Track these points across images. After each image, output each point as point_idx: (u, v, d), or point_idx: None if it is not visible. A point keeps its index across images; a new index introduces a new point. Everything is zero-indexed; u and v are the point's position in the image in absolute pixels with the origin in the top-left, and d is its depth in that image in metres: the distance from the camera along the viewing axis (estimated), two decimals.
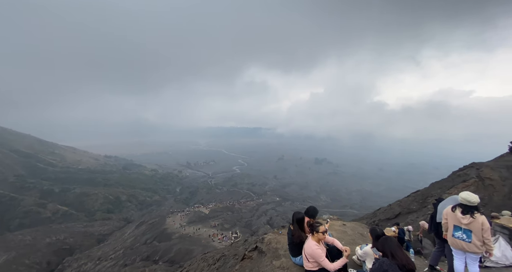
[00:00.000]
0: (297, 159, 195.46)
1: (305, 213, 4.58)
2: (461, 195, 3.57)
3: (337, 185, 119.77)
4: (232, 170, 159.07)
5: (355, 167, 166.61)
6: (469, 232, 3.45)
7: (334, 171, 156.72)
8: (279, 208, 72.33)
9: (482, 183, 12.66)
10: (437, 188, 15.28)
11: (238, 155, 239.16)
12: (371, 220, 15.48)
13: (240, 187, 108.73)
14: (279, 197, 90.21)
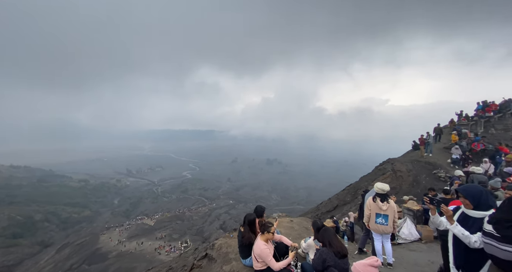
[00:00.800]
0: (250, 161, 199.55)
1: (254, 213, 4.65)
2: (376, 186, 4.32)
3: (287, 184, 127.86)
4: (182, 175, 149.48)
5: (302, 166, 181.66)
6: (386, 217, 4.19)
7: (284, 171, 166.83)
8: (233, 211, 71.98)
9: (395, 175, 15.69)
10: (365, 181, 18.13)
11: (189, 159, 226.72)
12: (315, 214, 17.12)
13: (191, 193, 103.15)
14: (233, 200, 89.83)
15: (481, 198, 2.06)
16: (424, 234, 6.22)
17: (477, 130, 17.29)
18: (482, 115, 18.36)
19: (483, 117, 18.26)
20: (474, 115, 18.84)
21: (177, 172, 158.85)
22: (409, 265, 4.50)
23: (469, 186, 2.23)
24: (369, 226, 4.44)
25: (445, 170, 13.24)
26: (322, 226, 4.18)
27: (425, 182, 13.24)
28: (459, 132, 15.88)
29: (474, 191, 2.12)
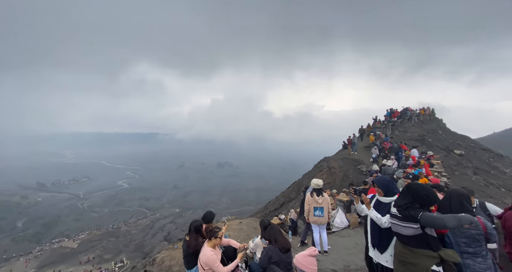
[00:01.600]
0: (199, 165, 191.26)
1: (202, 219, 4.43)
2: (313, 182, 4.83)
3: (237, 186, 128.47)
4: (117, 185, 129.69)
5: (251, 167, 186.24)
6: (322, 209, 4.70)
7: (234, 173, 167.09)
8: (179, 220, 67.13)
9: (330, 171, 17.95)
10: (306, 178, 20.02)
11: (126, 166, 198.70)
12: (263, 213, 17.77)
13: (129, 205, 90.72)
14: (179, 208, 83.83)
15: (389, 186, 2.55)
16: (352, 221, 7.31)
17: (387, 132, 21.67)
18: (389, 120, 23.17)
19: (390, 122, 23.06)
20: (384, 120, 23.57)
21: (111, 182, 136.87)
22: (340, 250, 5.17)
23: (381, 177, 2.73)
24: (309, 220, 4.89)
25: (366, 165, 15.98)
26: (269, 224, 4.34)
27: (352, 176, 15.63)
28: (375, 133, 19.54)
29: (384, 181, 2.60)
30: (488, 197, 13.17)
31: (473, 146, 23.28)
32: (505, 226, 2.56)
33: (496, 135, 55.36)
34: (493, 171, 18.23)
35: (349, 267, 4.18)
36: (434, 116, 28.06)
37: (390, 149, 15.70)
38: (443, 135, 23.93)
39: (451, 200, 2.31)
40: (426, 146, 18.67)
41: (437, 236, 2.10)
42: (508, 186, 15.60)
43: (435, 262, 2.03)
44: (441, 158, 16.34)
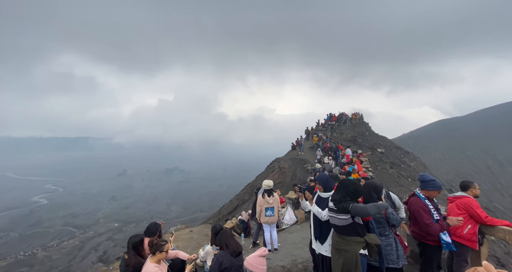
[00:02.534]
0: (144, 172, 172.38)
1: (145, 232, 3.96)
2: (264, 183, 5.02)
3: (189, 192, 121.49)
4: (32, 202, 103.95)
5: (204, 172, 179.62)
6: (273, 209, 4.91)
7: (186, 179, 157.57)
8: (119, 236, 58.71)
9: (281, 171, 18.99)
10: (259, 179, 20.61)
11: (44, 178, 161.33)
12: (217, 218, 17.34)
13: (49, 225, 73.90)
14: (119, 222, 73.40)
15: (327, 182, 2.85)
16: (299, 217, 7.90)
17: (327, 134, 24.49)
18: (329, 123, 26.28)
19: (330, 125, 26.17)
20: (325, 123, 26.58)
21: (22, 198, 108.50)
22: (289, 245, 5.50)
23: (321, 174, 3.03)
24: (260, 220, 5.03)
25: (311, 164, 17.62)
26: (220, 230, 4.22)
27: (299, 175, 16.97)
28: (318, 135, 21.80)
29: (323, 178, 2.90)
30: (400, 186, 16.41)
31: (390, 145, 28.69)
32: (410, 209, 3.12)
33: (404, 136, 70.09)
34: (403, 165, 22.87)
35: (296, 260, 4.48)
36: (362, 120, 33.30)
37: (329, 149, 17.78)
38: (369, 136, 28.65)
39: (365, 190, 2.79)
40: (357, 146, 21.97)
41: (363, 223, 2.47)
42: (413, 177, 19.80)
43: (362, 246, 2.37)
44: (368, 156, 19.51)
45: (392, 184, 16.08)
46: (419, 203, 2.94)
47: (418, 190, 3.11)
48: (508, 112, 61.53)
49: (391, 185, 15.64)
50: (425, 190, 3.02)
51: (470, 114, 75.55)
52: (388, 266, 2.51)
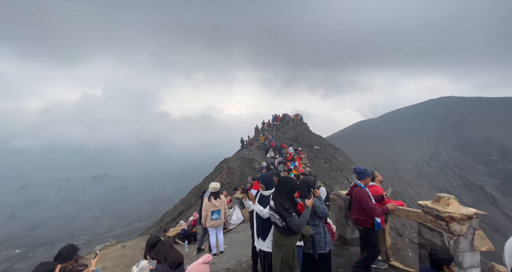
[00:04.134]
0: (61, 182, 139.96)
1: (56, 258, 3.15)
2: (210, 186, 4.86)
3: (124, 201, 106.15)
4: None
5: (144, 177, 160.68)
6: (219, 211, 4.79)
7: (119, 186, 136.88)
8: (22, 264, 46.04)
9: (229, 171, 18.90)
10: (207, 181, 19.93)
11: None
12: (159, 226, 15.78)
13: None
14: (22, 247, 57.44)
15: (269, 181, 2.95)
16: (246, 216, 8.02)
17: (273, 133, 25.95)
18: (274, 123, 27.93)
19: (275, 125, 27.83)
20: (271, 123, 28.10)
21: None
22: (236, 246, 5.50)
23: (263, 174, 3.12)
24: (206, 225, 4.83)
25: (258, 162, 18.26)
26: (158, 241, 3.79)
27: (248, 174, 17.32)
28: (264, 135, 22.82)
29: (265, 177, 2.99)
30: (331, 178, 18.96)
31: (324, 143, 32.83)
32: (355, 198, 3.53)
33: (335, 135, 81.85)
34: (334, 160, 26.53)
35: (241, 260, 4.51)
36: (302, 120, 36.85)
37: (275, 148, 18.88)
38: (308, 135, 31.98)
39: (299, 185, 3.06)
40: (298, 144, 24.16)
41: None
42: (341, 169, 23.23)
43: (299, 238, 2.57)
44: (306, 153, 21.72)
45: (326, 177, 18.43)
46: (363, 192, 3.39)
47: (358, 181, 3.57)
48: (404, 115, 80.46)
49: (325, 177, 17.89)
50: (362, 180, 3.52)
51: (381, 116, 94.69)
52: (318, 252, 2.81)
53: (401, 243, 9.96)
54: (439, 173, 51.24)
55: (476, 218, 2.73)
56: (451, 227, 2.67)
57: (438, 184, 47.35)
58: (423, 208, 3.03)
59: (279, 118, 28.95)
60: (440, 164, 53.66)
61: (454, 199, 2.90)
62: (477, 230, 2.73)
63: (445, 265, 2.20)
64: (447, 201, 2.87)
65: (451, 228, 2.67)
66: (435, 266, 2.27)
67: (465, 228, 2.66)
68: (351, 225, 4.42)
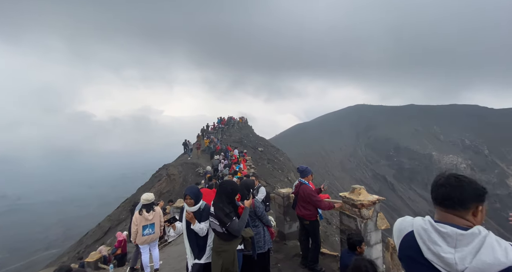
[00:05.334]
0: None
1: None
2: (142, 197, 4.30)
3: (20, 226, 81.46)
4: None
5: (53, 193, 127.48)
6: (153, 225, 4.26)
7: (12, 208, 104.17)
8: None
9: (169, 178, 17.33)
10: (142, 192, 17.67)
11: None
12: (75, 252, 12.82)
13: None
14: None
15: (199, 194, 2.63)
16: None
17: (218, 136, 25.53)
18: (220, 126, 27.57)
19: (220, 128, 27.49)
20: (216, 126, 27.60)
21: None
22: (174, 260, 5.04)
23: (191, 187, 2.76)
24: (136, 242, 4.21)
25: (203, 167, 17.51)
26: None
27: (191, 180, 16.34)
28: (209, 137, 22.17)
29: (194, 190, 2.66)
30: (273, 177, 20.16)
31: (267, 145, 34.67)
32: (302, 195, 3.73)
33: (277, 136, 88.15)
34: (275, 160, 28.36)
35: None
36: (247, 123, 37.87)
37: (220, 151, 18.61)
38: (252, 137, 33.06)
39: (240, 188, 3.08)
40: (243, 147, 24.63)
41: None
42: (282, 169, 25.02)
43: (239, 241, 2.55)
44: (251, 155, 22.38)
45: (269, 176, 19.45)
46: (308, 188, 3.65)
47: (302, 179, 3.82)
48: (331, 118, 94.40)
49: (268, 177, 18.84)
50: (305, 177, 3.81)
51: (313, 120, 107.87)
52: (257, 252, 2.88)
53: (330, 230, 11.53)
54: (356, 167, 62.38)
55: (379, 203, 3.42)
56: (362, 213, 3.25)
57: (356, 176, 57.54)
58: (343, 198, 3.58)
59: (224, 121, 28.80)
60: (357, 160, 65.46)
61: (364, 189, 3.54)
62: (379, 213, 3.42)
63: (357, 245, 2.64)
64: (359, 191, 3.47)
65: (362, 213, 3.24)
66: (350, 248, 2.69)
67: (371, 212, 3.28)
68: (289, 220, 4.77)
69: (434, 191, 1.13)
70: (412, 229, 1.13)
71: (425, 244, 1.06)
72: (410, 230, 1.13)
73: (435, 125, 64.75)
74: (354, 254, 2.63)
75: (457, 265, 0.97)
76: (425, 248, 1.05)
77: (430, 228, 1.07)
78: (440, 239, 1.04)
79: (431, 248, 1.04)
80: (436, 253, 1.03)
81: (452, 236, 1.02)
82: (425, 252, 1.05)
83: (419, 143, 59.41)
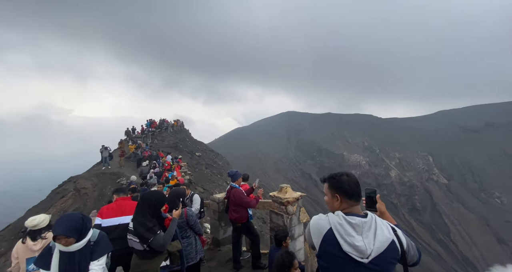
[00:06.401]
0: None
1: None
2: (26, 222, 3.27)
3: None
4: None
5: None
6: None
7: None
8: None
9: (78, 193, 13.99)
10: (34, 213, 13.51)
11: None
12: None
13: None
14: None
15: (82, 225, 1.84)
16: None
17: (147, 141, 22.74)
18: (149, 130, 24.64)
19: (150, 132, 24.59)
20: (145, 129, 24.53)
21: None
22: None
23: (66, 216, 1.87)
24: None
25: (126, 177, 15.10)
26: None
27: (110, 193, 13.76)
28: (136, 143, 19.43)
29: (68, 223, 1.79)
30: (212, 183, 19.67)
31: (206, 149, 33.60)
32: (233, 199, 3.78)
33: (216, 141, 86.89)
34: (214, 164, 27.81)
35: None
36: (183, 127, 35.58)
37: (150, 157, 16.60)
38: (189, 142, 31.27)
39: (169, 198, 2.82)
40: (178, 152, 22.90)
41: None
42: (221, 173, 24.74)
43: (163, 258, 2.32)
44: (188, 160, 21.08)
45: (207, 182, 18.82)
46: (238, 191, 3.77)
47: (233, 183, 3.93)
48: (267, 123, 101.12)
49: (206, 183, 18.20)
50: (236, 181, 3.93)
51: (251, 124, 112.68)
52: (188, 264, 2.71)
53: (265, 229, 12.19)
54: (288, 167, 69.11)
55: (301, 199, 3.87)
56: (288, 209, 3.59)
57: (288, 176, 63.66)
58: (273, 198, 3.86)
59: (155, 124, 26.00)
60: (289, 160, 72.67)
61: (289, 187, 3.94)
62: (302, 208, 3.87)
63: (283, 241, 2.90)
64: (285, 190, 3.84)
65: (288, 209, 3.59)
66: (277, 244, 2.93)
67: (295, 208, 3.69)
68: (224, 226, 4.74)
69: (350, 187, 1.31)
70: (330, 226, 1.25)
71: (343, 238, 1.19)
72: (329, 227, 1.25)
73: (345, 130, 79.88)
74: (281, 249, 2.86)
75: (367, 250, 1.15)
76: (343, 242, 1.19)
77: (344, 222, 1.22)
78: (352, 230, 1.20)
79: (348, 240, 1.18)
80: (352, 244, 1.17)
81: (359, 225, 1.20)
82: (343, 245, 1.18)
83: (335, 145, 71.78)
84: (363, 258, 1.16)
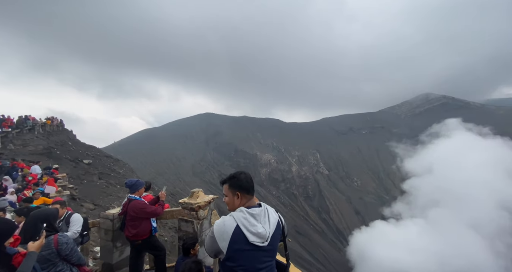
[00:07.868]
0: None
1: None
2: None
3: None
4: None
5: None
6: None
7: None
8: None
9: None
10: None
11: None
12: None
13: None
14: None
15: None
16: None
17: None
18: (2, 130, 17.02)
19: (2, 132, 17.02)
20: None
21: None
22: None
23: None
24: None
25: None
26: None
27: None
28: None
29: None
30: (108, 195, 16.05)
31: (99, 154, 27.00)
32: (133, 214, 3.21)
33: (115, 144, 71.71)
34: (112, 173, 22.85)
35: None
36: (63, 127, 27.08)
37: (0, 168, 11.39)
38: (73, 146, 24.08)
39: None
40: (54, 160, 17.11)
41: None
42: (121, 183, 20.65)
43: None
44: (69, 170, 16.15)
45: (100, 195, 15.16)
46: (139, 203, 3.30)
47: (132, 195, 3.40)
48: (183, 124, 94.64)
49: (99, 197, 14.62)
50: (136, 192, 3.44)
51: (164, 125, 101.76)
52: None
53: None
54: (206, 170, 67.72)
55: (213, 202, 3.84)
56: (199, 214, 3.46)
57: (206, 179, 62.29)
58: (182, 204, 3.59)
59: (9, 122, 18.28)
60: (207, 163, 71.31)
61: (201, 191, 3.81)
62: (214, 210, 3.84)
63: (191, 248, 2.74)
64: (197, 194, 3.68)
65: (199, 214, 3.46)
66: (184, 253, 2.74)
67: (206, 211, 3.60)
68: (119, 246, 3.93)
69: (248, 183, 1.46)
70: (236, 223, 1.31)
71: (249, 230, 1.28)
72: (235, 225, 1.31)
73: (258, 133, 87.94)
74: (189, 257, 2.69)
75: (266, 234, 1.29)
76: (249, 234, 1.27)
77: (247, 215, 1.33)
78: (254, 220, 1.31)
79: (252, 230, 1.28)
80: (255, 232, 1.28)
81: (259, 214, 1.34)
82: (249, 237, 1.27)
83: (249, 146, 77.44)
84: (264, 242, 1.30)
